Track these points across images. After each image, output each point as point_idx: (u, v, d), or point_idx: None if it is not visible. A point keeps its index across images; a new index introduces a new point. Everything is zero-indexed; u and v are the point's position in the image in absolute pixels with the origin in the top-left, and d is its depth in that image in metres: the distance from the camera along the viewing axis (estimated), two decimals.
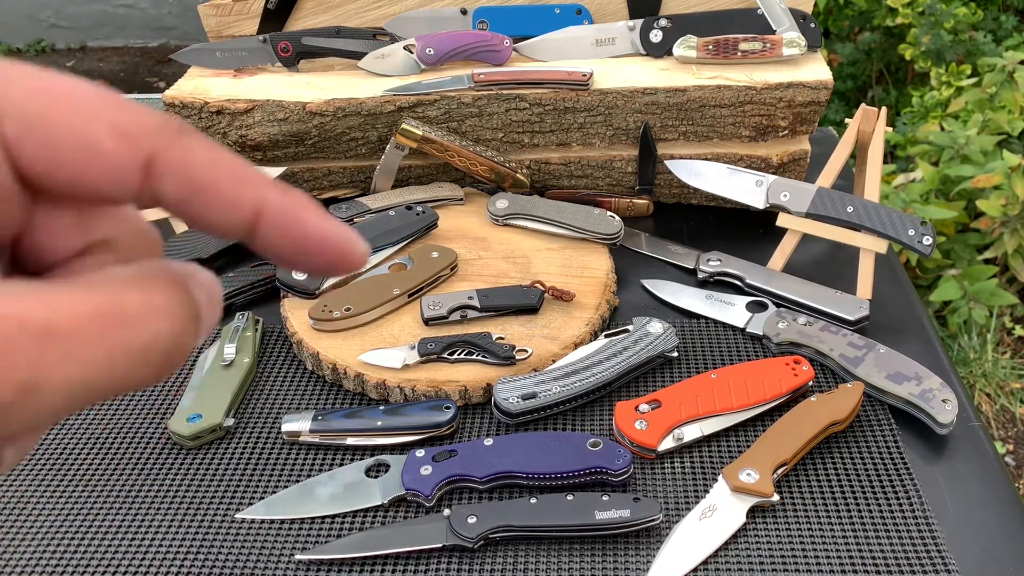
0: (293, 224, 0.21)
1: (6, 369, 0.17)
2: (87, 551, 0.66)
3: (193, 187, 0.21)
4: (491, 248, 0.91)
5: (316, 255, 0.22)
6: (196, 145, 0.21)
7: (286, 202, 0.21)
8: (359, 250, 0.22)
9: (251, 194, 0.21)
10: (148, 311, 0.20)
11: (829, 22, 2.49)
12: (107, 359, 0.19)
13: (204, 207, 0.21)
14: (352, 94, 0.94)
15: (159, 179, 0.21)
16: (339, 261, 0.22)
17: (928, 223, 0.84)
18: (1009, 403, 1.84)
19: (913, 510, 0.65)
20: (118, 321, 0.19)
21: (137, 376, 0.20)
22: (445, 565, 0.63)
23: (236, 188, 0.21)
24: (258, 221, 0.21)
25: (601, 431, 0.73)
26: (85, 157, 0.20)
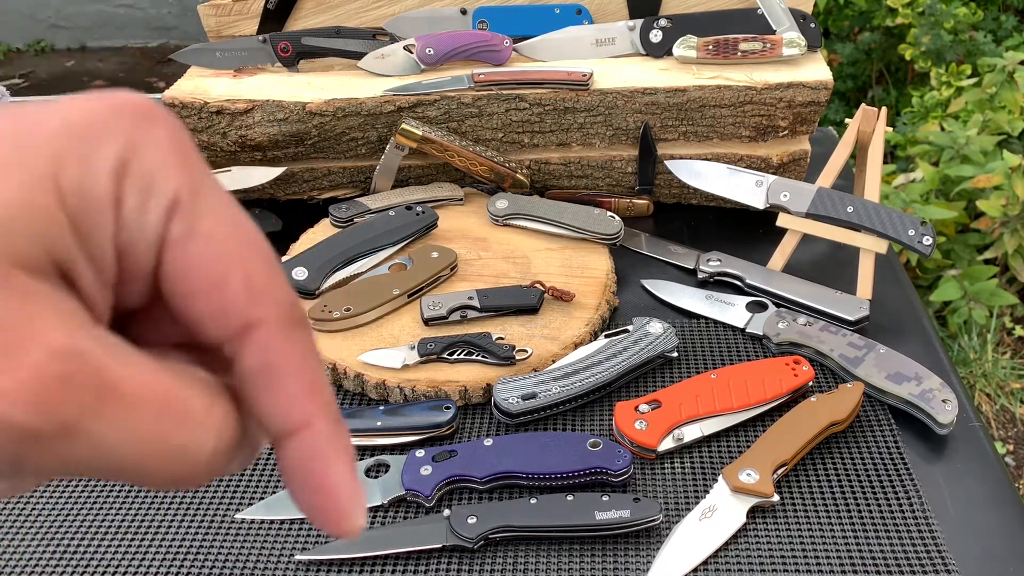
0: (320, 463, 0.21)
1: (61, 403, 0.18)
2: (87, 551, 0.66)
3: (267, 373, 0.21)
4: (491, 248, 0.91)
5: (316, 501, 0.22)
6: (298, 340, 0.21)
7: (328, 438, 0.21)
8: (355, 525, 0.22)
9: (307, 411, 0.21)
10: (201, 418, 0.20)
11: (829, 22, 2.50)
12: (145, 439, 0.19)
13: (263, 391, 0.21)
14: (352, 94, 0.94)
15: (246, 345, 0.21)
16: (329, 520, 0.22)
17: (928, 223, 0.84)
18: (1009, 403, 1.84)
19: (913, 510, 0.65)
20: (174, 408, 0.20)
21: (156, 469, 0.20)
22: (445, 565, 0.63)
23: (299, 394, 0.21)
24: (293, 437, 0.21)
25: (601, 431, 0.73)
26: (210, 285, 0.21)
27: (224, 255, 0.21)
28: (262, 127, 0.95)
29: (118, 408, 0.18)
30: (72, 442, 0.18)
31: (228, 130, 0.96)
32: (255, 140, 0.96)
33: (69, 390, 0.18)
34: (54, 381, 0.18)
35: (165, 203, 0.21)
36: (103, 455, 0.19)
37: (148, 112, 0.21)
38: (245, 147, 0.97)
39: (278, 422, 0.21)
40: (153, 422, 0.19)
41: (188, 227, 0.21)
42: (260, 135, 0.96)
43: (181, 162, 0.21)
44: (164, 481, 0.20)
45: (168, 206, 0.21)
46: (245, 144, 0.97)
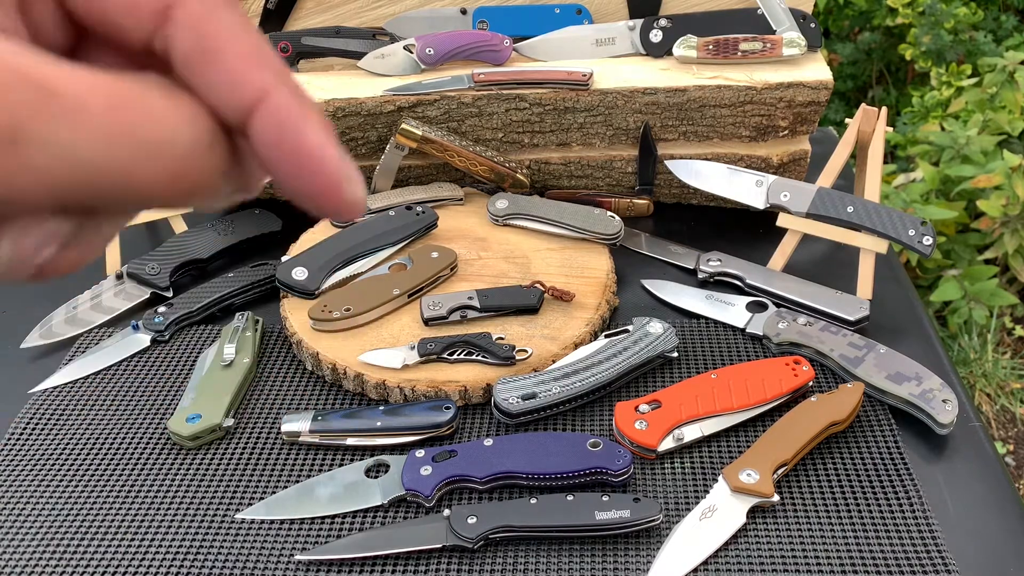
0: (291, 129, 0.19)
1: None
2: (87, 551, 0.66)
3: (202, 48, 0.19)
4: (491, 248, 0.91)
5: (303, 174, 0.19)
6: (223, 12, 0.19)
7: (293, 104, 0.19)
8: (354, 192, 0.20)
9: (258, 79, 0.19)
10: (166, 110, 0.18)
11: (829, 22, 2.49)
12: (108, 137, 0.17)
13: (206, 74, 0.19)
14: (352, 94, 0.94)
15: (172, 27, 0.19)
16: (326, 192, 0.19)
17: (928, 223, 0.84)
18: (1009, 403, 1.84)
19: (913, 510, 0.65)
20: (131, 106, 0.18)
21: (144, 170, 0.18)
22: (445, 565, 0.63)
23: (245, 65, 0.19)
24: (255, 110, 0.19)
25: (601, 431, 0.73)
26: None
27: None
28: None
29: (62, 106, 0.17)
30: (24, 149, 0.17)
31: None
32: None
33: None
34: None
35: None
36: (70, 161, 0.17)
37: None
38: None
39: (232, 101, 0.19)
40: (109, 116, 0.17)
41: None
42: None
43: None
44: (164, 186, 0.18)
45: None
46: None
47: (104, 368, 0.82)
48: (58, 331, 0.86)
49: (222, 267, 0.95)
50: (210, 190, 0.20)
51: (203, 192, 0.19)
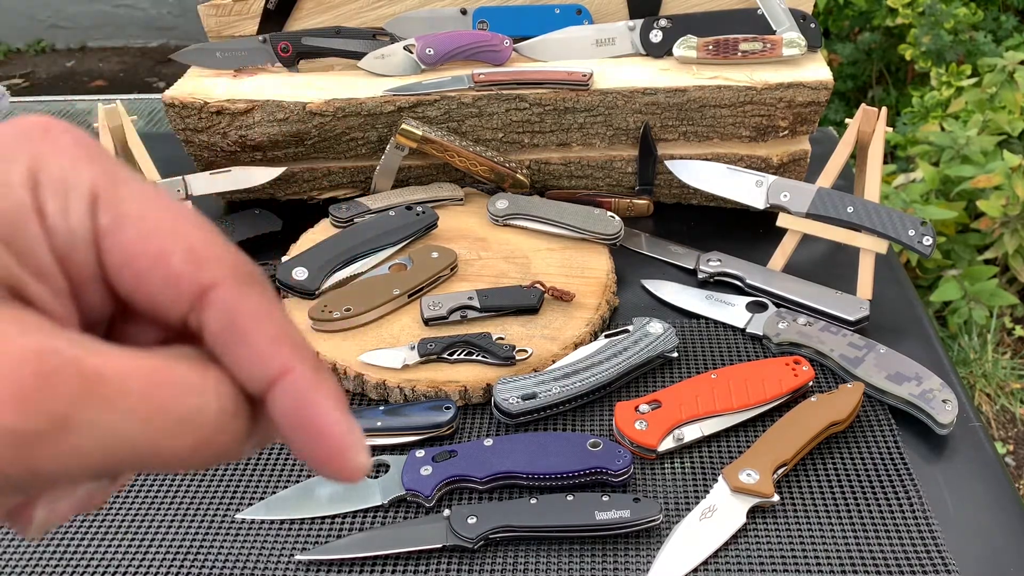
0: (306, 403, 0.21)
1: (46, 399, 0.18)
2: (87, 551, 0.66)
3: (232, 327, 0.21)
4: (491, 248, 0.91)
5: (313, 443, 0.21)
6: (254, 293, 0.22)
7: (310, 381, 0.21)
8: (357, 463, 0.21)
9: (281, 358, 0.21)
10: (196, 384, 0.21)
11: (829, 22, 2.50)
12: (146, 417, 0.19)
13: (235, 351, 0.21)
14: (352, 94, 0.94)
15: (207, 307, 0.21)
16: (332, 461, 0.21)
17: (928, 223, 0.84)
18: (1009, 403, 1.84)
19: (913, 510, 0.65)
20: (167, 384, 0.20)
21: (172, 445, 0.20)
22: (445, 565, 0.63)
23: (270, 344, 0.21)
24: (275, 384, 0.21)
25: (601, 431, 0.73)
26: (153, 263, 0.21)
27: (158, 231, 0.21)
28: (262, 127, 0.95)
29: (107, 391, 0.19)
30: (71, 434, 0.18)
31: (228, 130, 0.96)
32: (255, 140, 0.96)
33: (50, 384, 0.18)
34: (32, 379, 0.18)
35: (85, 199, 0.21)
36: (110, 442, 0.19)
37: (45, 126, 0.22)
38: (245, 147, 0.97)
39: (255, 376, 0.21)
40: (147, 398, 0.19)
41: (115, 214, 0.21)
42: (260, 135, 0.96)
43: (89, 159, 0.22)
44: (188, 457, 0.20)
45: (89, 200, 0.21)
46: (245, 144, 0.97)
47: None
48: None
49: None
50: (231, 454, 0.22)
51: (225, 456, 0.21)
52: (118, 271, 0.22)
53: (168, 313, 0.22)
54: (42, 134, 0.22)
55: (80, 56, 3.80)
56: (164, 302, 0.22)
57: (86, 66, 3.72)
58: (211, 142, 0.97)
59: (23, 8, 3.75)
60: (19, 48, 3.83)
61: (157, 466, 0.20)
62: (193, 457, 0.20)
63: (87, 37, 3.82)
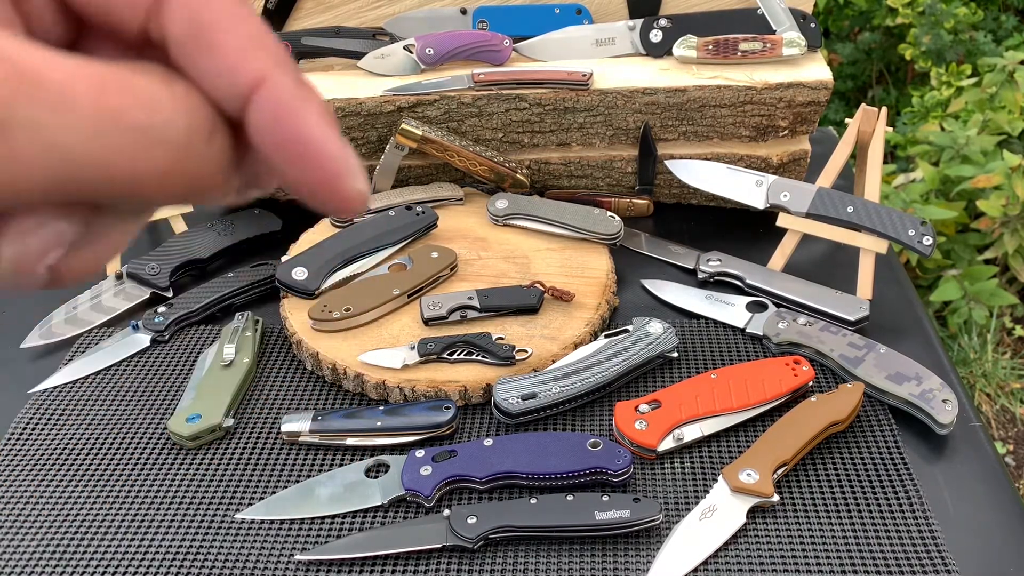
0: (289, 116, 0.18)
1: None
2: (87, 551, 0.66)
3: (198, 33, 0.18)
4: (491, 248, 0.91)
5: (302, 164, 0.18)
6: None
7: (291, 90, 0.18)
8: (355, 185, 0.19)
9: (256, 64, 0.18)
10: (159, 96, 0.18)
11: (829, 22, 2.49)
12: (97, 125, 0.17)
13: (201, 60, 0.18)
14: (352, 94, 0.94)
15: (166, 12, 0.19)
16: (325, 184, 0.19)
17: (928, 223, 0.84)
18: (1009, 403, 1.84)
19: (913, 510, 0.65)
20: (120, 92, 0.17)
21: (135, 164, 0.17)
22: (445, 565, 0.63)
23: (242, 50, 0.18)
24: (252, 96, 0.18)
25: (601, 431, 0.73)
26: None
27: None
28: None
29: (48, 94, 0.16)
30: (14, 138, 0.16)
31: None
32: None
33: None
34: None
35: None
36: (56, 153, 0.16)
37: None
38: None
39: (228, 88, 0.18)
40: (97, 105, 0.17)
41: None
42: None
43: None
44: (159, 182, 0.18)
45: None
46: None
47: (104, 368, 0.82)
48: (58, 331, 0.86)
49: (222, 267, 0.95)
50: (213, 184, 0.19)
51: (206, 186, 0.19)
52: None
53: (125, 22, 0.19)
54: None
55: None
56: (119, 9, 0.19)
57: None
58: None
59: None
60: None
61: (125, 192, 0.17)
62: (165, 183, 0.18)
63: None
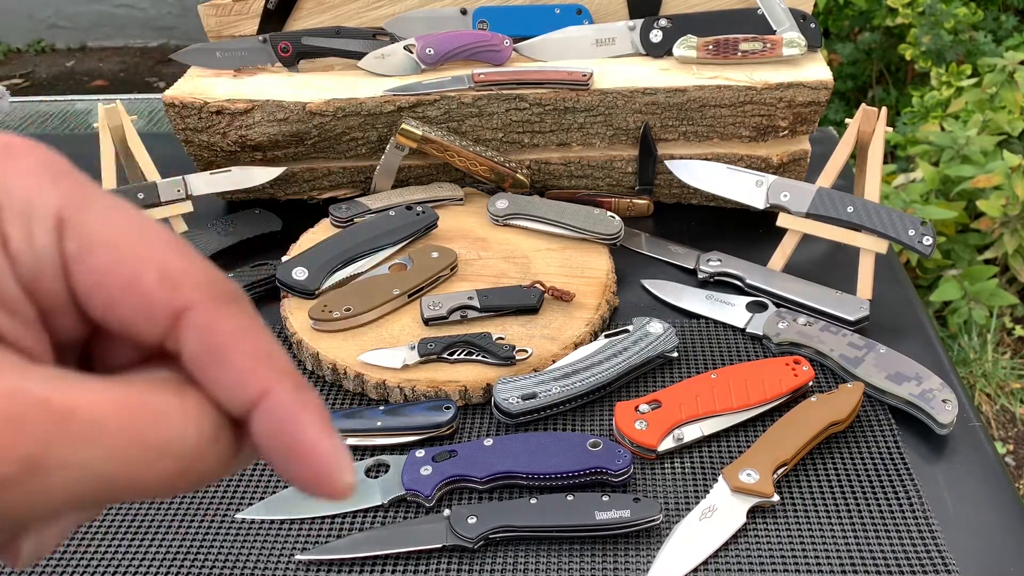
0: (288, 424, 0.20)
1: (13, 443, 0.17)
2: (87, 551, 0.66)
3: (210, 349, 0.21)
4: (491, 248, 0.91)
5: (296, 464, 0.21)
6: (233, 314, 0.21)
7: (291, 401, 0.21)
8: (343, 482, 0.21)
9: (262, 377, 0.20)
10: (174, 413, 0.20)
11: (829, 22, 2.49)
12: (122, 451, 0.19)
13: (213, 371, 0.21)
14: (352, 94, 0.94)
15: (183, 330, 0.21)
16: (318, 482, 0.21)
17: (928, 223, 0.84)
18: (1009, 403, 1.84)
19: (913, 510, 0.65)
20: (143, 415, 0.19)
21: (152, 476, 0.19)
22: (445, 565, 0.63)
23: (250, 365, 0.20)
24: (256, 406, 0.20)
25: (601, 431, 0.73)
26: (124, 288, 0.21)
27: (129, 254, 0.21)
28: (262, 127, 0.95)
29: (79, 429, 0.18)
30: (48, 475, 0.18)
31: (228, 130, 0.96)
32: (255, 140, 0.96)
33: (18, 427, 0.18)
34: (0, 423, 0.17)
35: (50, 224, 0.20)
36: (86, 478, 0.19)
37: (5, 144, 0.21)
38: (245, 147, 0.97)
39: (236, 399, 0.21)
40: (122, 431, 0.19)
41: (82, 239, 0.21)
42: (260, 135, 0.96)
43: (53, 179, 0.21)
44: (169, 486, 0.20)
45: (54, 225, 0.20)
46: (245, 144, 0.97)
47: None
48: None
49: (222, 267, 0.93)
50: (215, 477, 0.21)
51: (211, 478, 0.21)
52: (89, 297, 0.21)
53: (143, 337, 0.21)
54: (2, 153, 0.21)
55: (80, 56, 3.80)
56: (138, 326, 0.21)
57: (86, 66, 3.72)
58: (211, 142, 0.97)
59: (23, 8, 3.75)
60: (19, 48, 3.83)
61: (139, 496, 0.20)
62: (175, 485, 0.20)
63: (87, 37, 3.82)
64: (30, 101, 1.60)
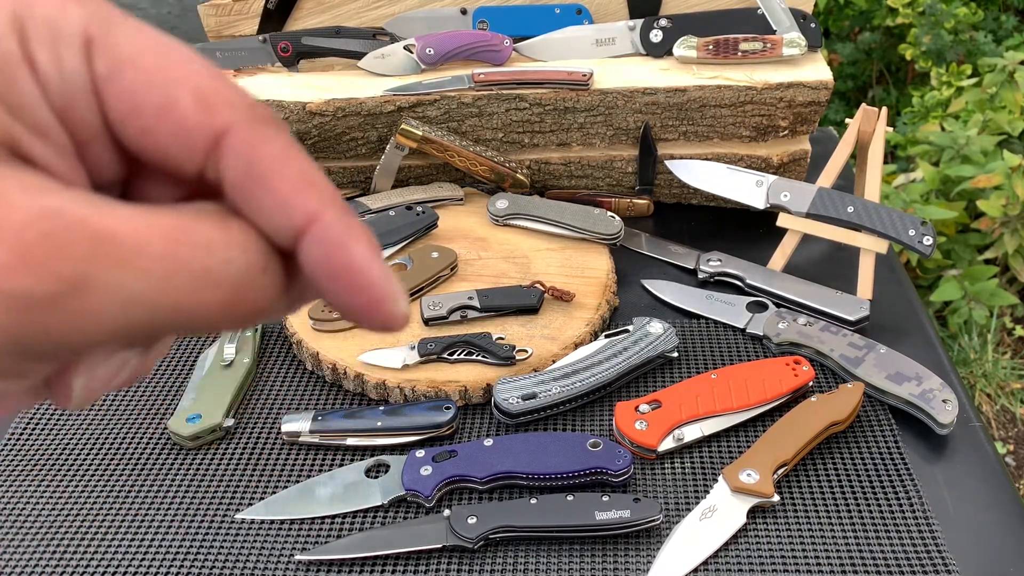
0: (338, 248, 0.20)
1: (54, 260, 0.17)
2: (87, 551, 0.66)
3: (252, 174, 0.20)
4: (491, 248, 0.91)
5: (350, 292, 0.20)
6: (273, 136, 0.20)
7: (340, 224, 0.20)
8: (397, 309, 0.20)
9: (307, 202, 0.20)
10: (219, 239, 0.19)
11: (829, 22, 2.49)
12: (166, 276, 0.18)
13: (257, 199, 0.20)
14: (352, 94, 0.94)
15: (223, 155, 0.20)
16: (370, 309, 0.20)
17: (928, 223, 0.84)
18: (1009, 403, 1.84)
19: (913, 510, 0.65)
20: (186, 241, 0.19)
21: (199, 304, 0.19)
22: (445, 565, 0.63)
23: (294, 190, 0.20)
24: (305, 232, 0.20)
25: (601, 431, 0.73)
26: (159, 111, 0.20)
27: (162, 76, 0.20)
28: None
29: (121, 252, 0.18)
30: (91, 296, 0.17)
31: None
32: None
33: (57, 245, 0.17)
34: (38, 240, 0.17)
35: (77, 44, 0.19)
36: (131, 303, 0.18)
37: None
38: None
39: (282, 226, 0.20)
40: (165, 257, 0.18)
41: (112, 59, 0.20)
42: None
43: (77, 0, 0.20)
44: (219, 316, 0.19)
45: (82, 45, 0.20)
46: None
47: None
48: None
49: None
50: (268, 309, 0.20)
51: (260, 314, 0.20)
52: (123, 123, 0.20)
53: (182, 166, 0.20)
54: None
55: None
56: (176, 153, 0.20)
57: None
58: None
59: None
60: None
61: (189, 327, 0.19)
62: (225, 316, 0.19)
63: None
64: None
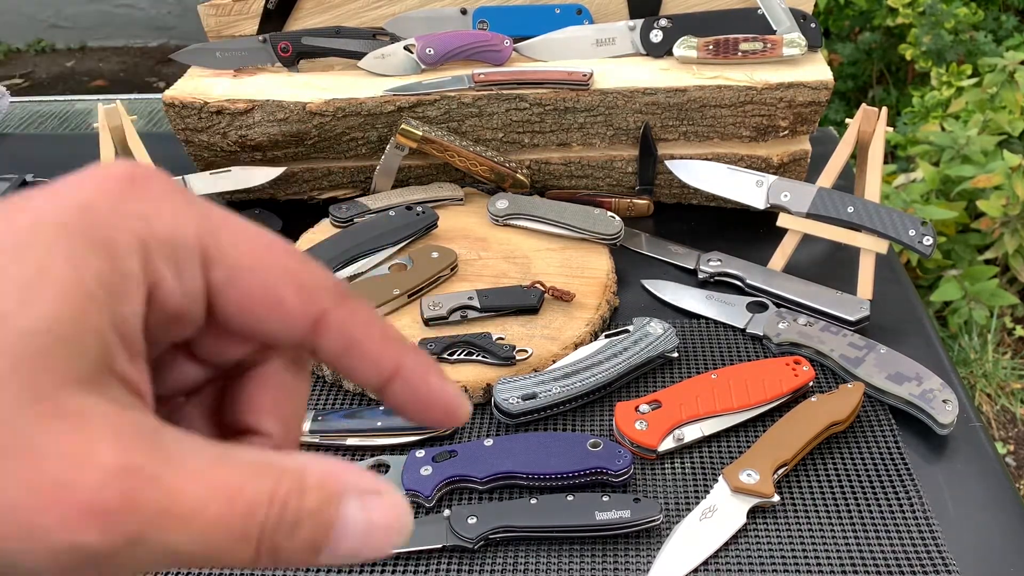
0: (420, 384, 0.24)
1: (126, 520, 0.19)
2: None
3: (348, 344, 0.24)
4: (491, 248, 0.91)
5: (432, 412, 0.25)
6: (357, 308, 0.24)
7: (418, 364, 0.24)
8: (464, 411, 0.25)
9: (392, 355, 0.24)
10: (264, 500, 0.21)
11: (829, 22, 2.49)
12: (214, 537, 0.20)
13: (354, 361, 0.24)
14: (352, 94, 0.94)
15: (323, 334, 0.23)
16: (448, 418, 0.25)
17: (928, 223, 0.84)
18: (1010, 403, 1.84)
19: (913, 510, 0.65)
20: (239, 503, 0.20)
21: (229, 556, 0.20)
22: (445, 565, 0.63)
23: (381, 348, 0.24)
24: (393, 378, 0.24)
25: (601, 431, 0.73)
26: (270, 307, 0.23)
27: (270, 279, 0.23)
28: (262, 127, 0.95)
29: (181, 513, 0.19)
30: (138, 549, 0.19)
31: (228, 130, 0.96)
32: (255, 140, 0.96)
33: (132, 506, 0.19)
34: (115, 498, 0.18)
35: (196, 257, 0.22)
36: (174, 555, 0.20)
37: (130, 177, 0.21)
38: (245, 147, 0.97)
39: (377, 378, 0.24)
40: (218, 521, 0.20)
41: (227, 268, 0.22)
42: (260, 135, 0.96)
43: (187, 206, 0.22)
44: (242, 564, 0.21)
45: (200, 257, 0.22)
46: (245, 144, 0.97)
47: None
48: None
49: None
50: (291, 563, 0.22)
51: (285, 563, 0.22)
52: (235, 318, 0.23)
53: (280, 343, 0.24)
54: (130, 187, 0.21)
55: (80, 56, 3.80)
56: (278, 334, 0.23)
57: (86, 66, 3.72)
58: (211, 142, 0.97)
59: (23, 8, 3.75)
60: (19, 48, 3.83)
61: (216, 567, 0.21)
62: (250, 564, 0.21)
63: (87, 37, 3.82)
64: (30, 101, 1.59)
